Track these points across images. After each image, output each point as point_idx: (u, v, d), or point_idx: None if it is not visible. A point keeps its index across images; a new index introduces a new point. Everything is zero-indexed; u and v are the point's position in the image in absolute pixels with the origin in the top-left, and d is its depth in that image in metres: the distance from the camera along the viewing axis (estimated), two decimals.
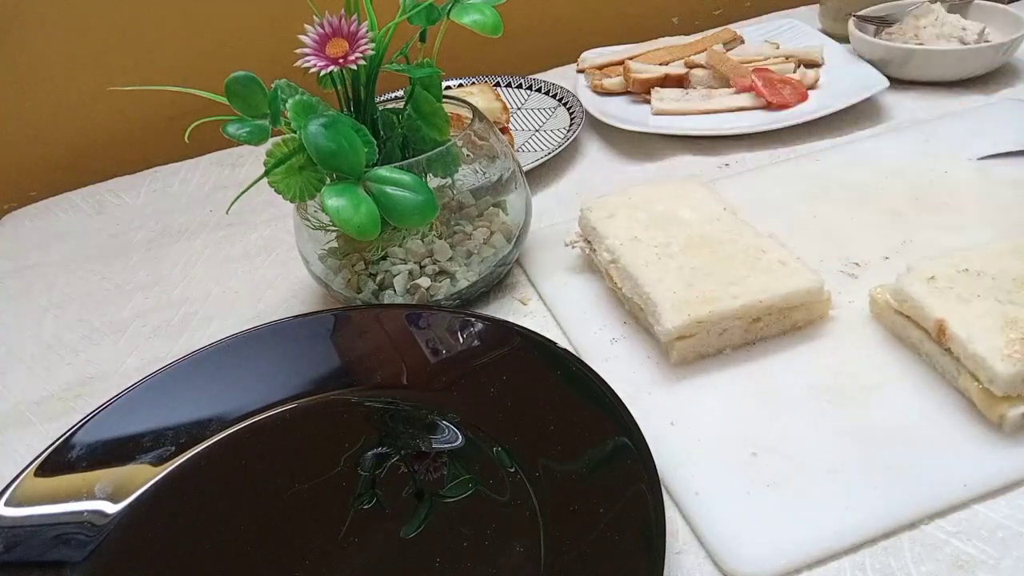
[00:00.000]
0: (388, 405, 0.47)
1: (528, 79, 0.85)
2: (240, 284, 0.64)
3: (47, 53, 0.83)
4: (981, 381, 0.39)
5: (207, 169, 0.84)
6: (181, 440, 0.45)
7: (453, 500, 0.40)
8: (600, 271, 0.54)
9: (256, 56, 0.72)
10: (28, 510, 0.41)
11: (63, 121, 0.87)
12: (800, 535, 0.37)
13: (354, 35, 0.46)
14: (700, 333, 0.46)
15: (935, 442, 0.40)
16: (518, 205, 0.56)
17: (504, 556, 0.37)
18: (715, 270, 0.48)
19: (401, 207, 0.45)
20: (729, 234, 0.51)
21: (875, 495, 0.38)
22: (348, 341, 0.51)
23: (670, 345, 0.46)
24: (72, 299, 0.65)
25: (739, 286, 0.46)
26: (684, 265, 0.48)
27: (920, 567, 0.35)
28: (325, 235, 0.55)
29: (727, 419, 0.43)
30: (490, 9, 0.51)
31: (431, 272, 0.54)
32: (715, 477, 0.40)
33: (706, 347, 0.46)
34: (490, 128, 0.56)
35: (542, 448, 0.41)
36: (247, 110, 0.47)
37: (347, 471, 0.43)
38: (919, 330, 0.44)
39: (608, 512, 0.37)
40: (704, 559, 0.37)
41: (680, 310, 0.45)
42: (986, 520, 0.37)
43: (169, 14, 0.85)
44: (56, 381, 0.56)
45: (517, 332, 0.48)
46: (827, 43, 0.83)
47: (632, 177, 0.70)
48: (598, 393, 0.42)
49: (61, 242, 0.75)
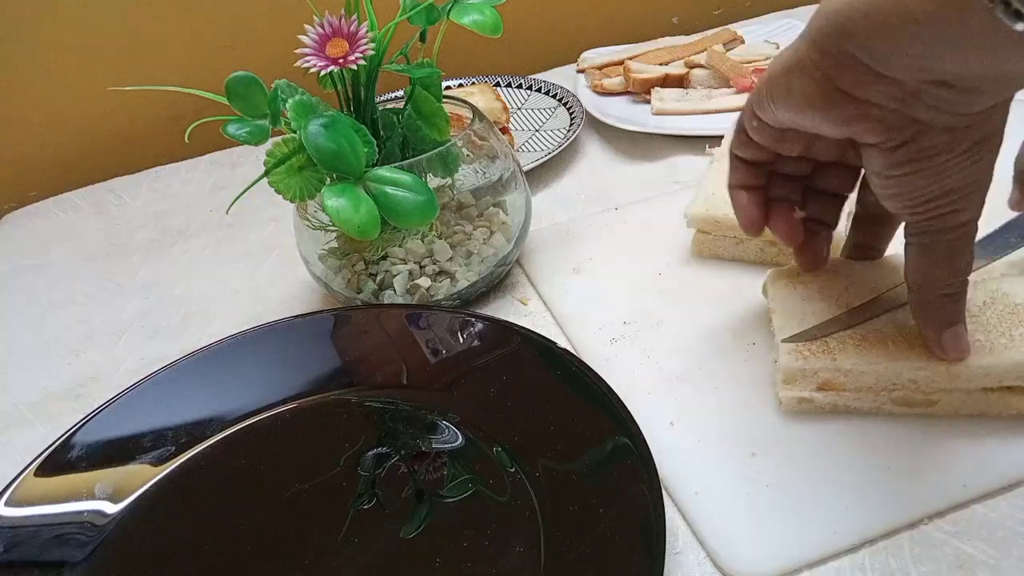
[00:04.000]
0: (388, 405, 0.47)
1: (528, 79, 0.85)
2: (240, 284, 0.64)
3: (47, 53, 0.83)
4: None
5: (207, 169, 0.84)
6: (181, 440, 0.45)
7: (453, 500, 0.40)
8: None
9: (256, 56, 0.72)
10: (28, 510, 0.41)
11: (63, 121, 0.87)
12: (800, 535, 0.37)
13: (354, 35, 0.46)
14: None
15: (934, 442, 0.40)
16: (518, 205, 0.56)
17: (504, 556, 0.37)
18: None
19: (401, 207, 0.45)
20: None
21: (875, 495, 0.38)
22: (348, 341, 0.51)
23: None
24: (72, 299, 0.65)
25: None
26: None
27: (920, 567, 0.35)
28: (325, 235, 0.55)
29: (727, 419, 0.43)
30: (490, 9, 0.51)
31: (431, 272, 0.54)
32: (715, 477, 0.40)
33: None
34: (490, 128, 0.56)
35: (542, 448, 0.41)
36: (247, 110, 0.47)
37: (347, 471, 0.43)
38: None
39: (608, 512, 0.37)
40: (704, 559, 0.37)
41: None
42: (986, 520, 0.37)
43: (169, 14, 0.85)
44: (56, 381, 0.56)
45: (517, 332, 0.48)
46: None
47: (632, 177, 0.70)
48: (598, 393, 0.42)
49: (61, 242, 0.75)
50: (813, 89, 0.34)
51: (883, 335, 0.41)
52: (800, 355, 0.41)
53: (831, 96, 0.33)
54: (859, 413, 0.42)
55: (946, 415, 0.41)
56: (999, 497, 0.37)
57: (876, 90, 0.32)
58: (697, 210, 0.54)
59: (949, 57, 0.30)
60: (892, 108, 0.33)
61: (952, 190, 0.34)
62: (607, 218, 0.62)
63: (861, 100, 0.33)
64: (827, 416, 0.42)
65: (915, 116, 0.33)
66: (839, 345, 0.41)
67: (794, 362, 0.41)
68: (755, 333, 0.48)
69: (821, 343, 0.41)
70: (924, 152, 0.33)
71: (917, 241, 0.37)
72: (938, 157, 0.33)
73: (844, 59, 0.32)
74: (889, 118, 0.33)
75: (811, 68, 0.34)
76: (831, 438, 0.41)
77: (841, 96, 0.33)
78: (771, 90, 0.36)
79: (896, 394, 0.40)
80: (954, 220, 0.35)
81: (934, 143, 0.33)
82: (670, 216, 0.59)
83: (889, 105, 0.33)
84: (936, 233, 0.36)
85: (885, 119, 0.33)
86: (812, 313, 0.43)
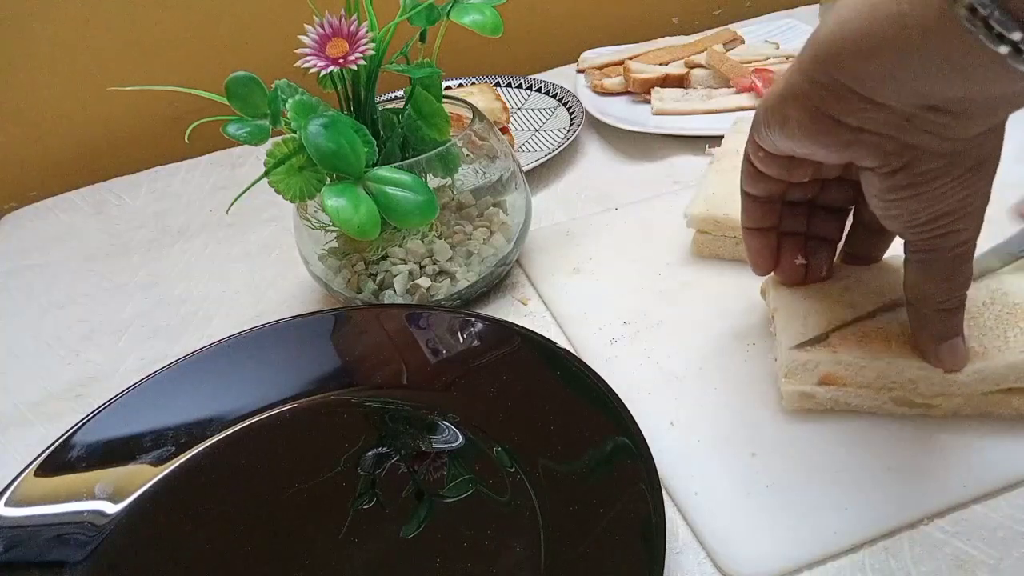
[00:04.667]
0: (388, 405, 0.47)
1: (528, 79, 0.85)
2: (240, 284, 0.64)
3: (47, 53, 0.83)
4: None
5: (207, 169, 0.84)
6: (181, 440, 0.45)
7: (453, 500, 0.40)
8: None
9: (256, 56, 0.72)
10: (28, 510, 0.41)
11: (63, 121, 0.87)
12: (800, 535, 0.37)
13: (354, 35, 0.46)
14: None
15: (935, 442, 0.40)
16: (518, 205, 0.56)
17: (504, 556, 0.37)
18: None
19: (401, 207, 0.45)
20: None
21: (875, 495, 0.38)
22: (348, 341, 0.51)
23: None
24: (72, 299, 0.65)
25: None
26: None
27: (920, 567, 0.35)
28: (325, 235, 0.55)
29: (727, 419, 0.43)
30: (490, 9, 0.51)
31: (431, 272, 0.54)
32: (715, 477, 0.40)
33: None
34: (490, 128, 0.56)
35: (542, 448, 0.41)
36: (247, 110, 0.47)
37: (347, 471, 0.43)
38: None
39: (608, 512, 0.37)
40: (704, 559, 0.37)
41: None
42: (986, 520, 0.37)
43: (169, 14, 0.85)
44: (56, 381, 0.56)
45: (517, 332, 0.48)
46: None
47: (632, 177, 0.70)
48: (598, 393, 0.42)
49: (61, 242, 0.75)
50: (807, 118, 0.34)
51: (886, 332, 0.41)
52: (801, 347, 0.41)
53: (825, 124, 0.34)
54: (859, 412, 0.42)
55: (946, 415, 0.41)
56: (999, 497, 0.37)
57: (868, 117, 0.32)
58: (697, 210, 0.54)
59: (936, 82, 0.30)
60: (887, 134, 0.33)
61: (950, 211, 0.35)
62: (607, 218, 0.62)
63: (854, 127, 0.33)
64: (827, 416, 0.42)
65: (910, 141, 0.33)
66: (841, 340, 0.41)
67: (795, 354, 0.41)
68: (755, 333, 0.48)
69: (822, 337, 0.41)
70: (921, 177, 0.34)
71: (916, 258, 0.38)
72: (935, 182, 0.34)
73: (835, 88, 0.32)
74: (884, 144, 0.33)
75: (803, 97, 0.34)
76: (831, 438, 0.41)
77: (834, 124, 0.33)
78: (768, 120, 0.36)
79: (896, 394, 0.41)
80: (953, 240, 0.36)
81: (931, 168, 0.33)
82: (670, 216, 0.59)
83: (883, 131, 0.33)
84: (935, 251, 0.36)
85: (880, 145, 0.33)
86: (814, 312, 0.43)
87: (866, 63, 0.31)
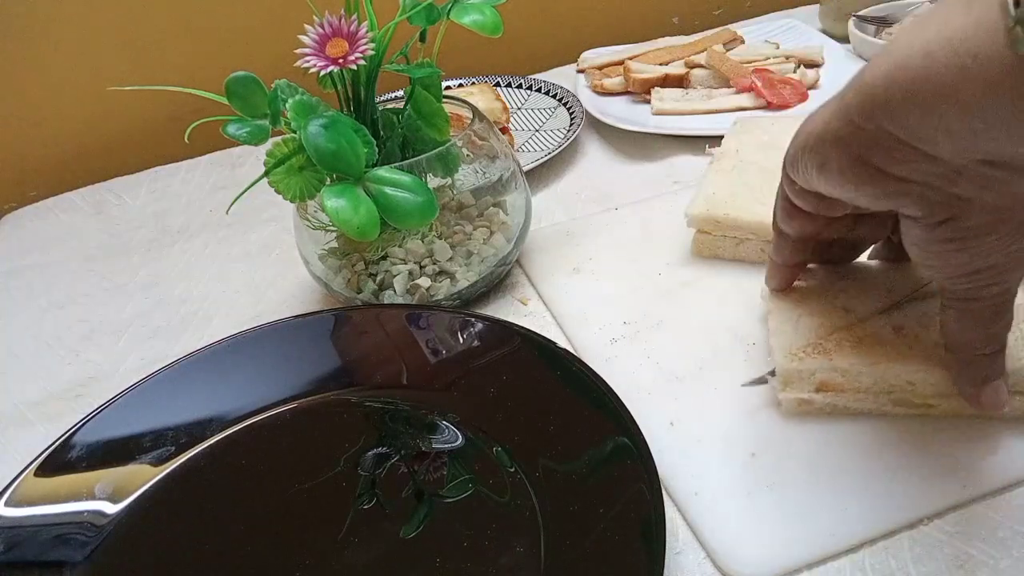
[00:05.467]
0: (388, 405, 0.47)
1: (528, 79, 0.85)
2: (240, 284, 0.64)
3: (47, 53, 0.83)
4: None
5: (207, 169, 0.84)
6: (181, 440, 0.45)
7: (453, 500, 0.40)
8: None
9: (256, 56, 0.72)
10: (28, 510, 0.41)
11: (63, 121, 0.87)
12: (800, 535, 0.37)
13: (354, 35, 0.46)
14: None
15: (935, 442, 0.40)
16: (518, 205, 0.56)
17: (504, 556, 0.37)
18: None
19: (401, 208, 0.45)
20: None
21: (875, 495, 0.38)
22: (348, 341, 0.51)
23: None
24: (72, 299, 0.65)
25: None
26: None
27: (920, 567, 0.35)
28: (325, 235, 0.55)
29: (727, 419, 0.43)
30: (490, 9, 0.51)
31: (431, 272, 0.54)
32: (715, 477, 0.40)
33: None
34: (490, 128, 0.56)
35: (542, 448, 0.41)
36: (247, 110, 0.47)
37: (347, 471, 0.43)
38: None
39: (608, 512, 0.37)
40: (704, 559, 0.37)
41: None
42: (986, 520, 0.37)
43: (169, 14, 0.85)
44: (56, 381, 0.56)
45: (517, 332, 0.48)
46: (827, 43, 0.83)
47: (632, 177, 0.70)
48: (598, 393, 0.42)
49: (61, 242, 0.75)
50: (848, 164, 0.32)
51: (880, 337, 0.41)
52: (796, 356, 0.41)
53: (867, 172, 0.32)
54: (859, 414, 0.42)
55: (946, 416, 0.41)
56: (999, 497, 0.37)
57: (916, 167, 0.31)
58: (697, 210, 0.54)
59: (998, 138, 0.28)
60: (935, 185, 0.31)
61: (995, 266, 0.33)
62: (607, 218, 0.62)
63: (899, 177, 0.31)
64: (827, 416, 0.42)
65: (959, 194, 0.31)
66: (836, 346, 0.41)
67: (790, 363, 0.41)
68: (755, 333, 0.48)
69: (817, 344, 0.41)
70: (969, 231, 0.32)
71: (955, 307, 0.36)
72: (984, 237, 0.32)
73: (881, 137, 0.30)
74: (930, 195, 0.31)
75: (845, 143, 0.32)
76: (831, 438, 0.41)
77: (877, 172, 0.32)
78: (806, 161, 0.35)
79: (895, 395, 0.40)
80: (996, 290, 0.34)
81: (980, 223, 0.31)
82: (670, 216, 0.59)
83: (931, 182, 0.31)
84: (976, 301, 0.35)
85: (926, 196, 0.31)
86: (807, 315, 0.43)
87: (920, 116, 0.29)
